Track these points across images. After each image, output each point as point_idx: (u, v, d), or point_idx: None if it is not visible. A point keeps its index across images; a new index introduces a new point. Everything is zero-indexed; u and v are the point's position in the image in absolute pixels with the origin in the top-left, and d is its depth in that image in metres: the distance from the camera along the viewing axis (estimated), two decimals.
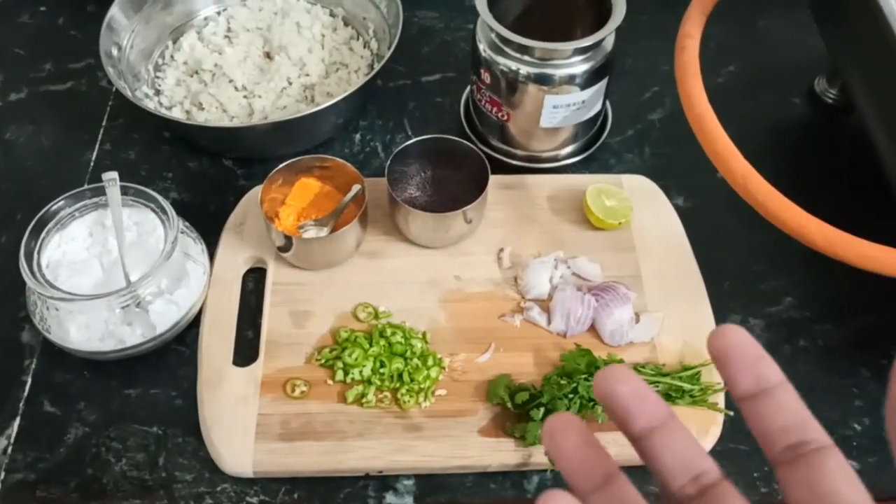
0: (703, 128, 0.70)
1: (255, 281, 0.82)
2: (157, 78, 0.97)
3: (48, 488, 0.69)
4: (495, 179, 0.83)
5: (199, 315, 0.77)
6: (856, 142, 0.93)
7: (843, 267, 0.63)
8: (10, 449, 0.71)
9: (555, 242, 0.83)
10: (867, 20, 0.75)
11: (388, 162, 0.81)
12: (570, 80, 0.81)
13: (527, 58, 0.80)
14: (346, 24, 1.03)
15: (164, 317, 0.73)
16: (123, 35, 0.94)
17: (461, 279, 0.81)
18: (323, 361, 0.74)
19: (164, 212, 0.75)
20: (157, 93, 0.96)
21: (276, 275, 0.80)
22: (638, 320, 0.77)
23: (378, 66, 0.88)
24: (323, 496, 0.69)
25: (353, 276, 0.81)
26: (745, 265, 0.84)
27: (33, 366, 0.76)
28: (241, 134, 0.89)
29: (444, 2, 1.10)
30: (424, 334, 0.76)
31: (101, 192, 0.77)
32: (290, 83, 0.95)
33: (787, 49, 1.05)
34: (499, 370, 0.74)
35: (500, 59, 0.82)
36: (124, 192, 0.77)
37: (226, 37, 1.00)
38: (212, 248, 0.81)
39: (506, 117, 0.86)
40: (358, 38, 1.01)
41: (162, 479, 0.70)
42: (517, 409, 0.71)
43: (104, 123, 0.96)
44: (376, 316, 0.77)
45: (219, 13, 1.02)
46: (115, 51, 0.92)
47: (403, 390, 0.72)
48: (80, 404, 0.74)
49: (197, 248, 0.79)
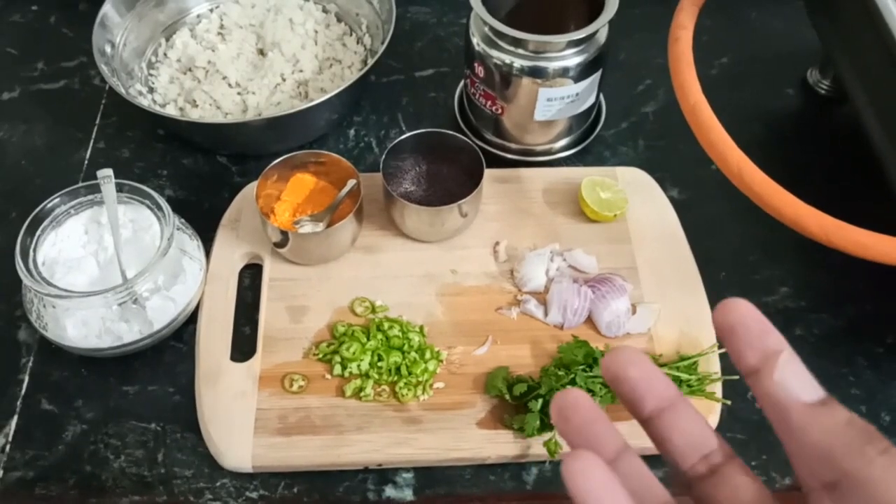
0: (697, 118, 0.70)
1: (251, 277, 0.82)
2: (151, 76, 0.97)
3: (47, 486, 0.69)
4: (490, 173, 0.83)
5: (196, 311, 0.77)
6: (848, 132, 0.94)
7: (837, 256, 0.64)
8: (8, 447, 0.71)
9: (550, 235, 0.83)
10: (859, 10, 0.75)
11: (383, 156, 0.81)
12: (563, 72, 0.81)
13: (520, 51, 0.81)
14: (339, 20, 1.02)
15: (162, 313, 0.73)
16: (116, 33, 0.94)
17: (457, 273, 0.81)
18: (321, 356, 0.74)
19: (160, 208, 0.75)
20: (151, 90, 0.96)
21: (272, 270, 0.80)
22: (634, 311, 0.77)
23: (371, 62, 0.88)
24: (322, 490, 0.69)
25: (350, 270, 0.81)
26: (740, 255, 0.84)
27: (30, 364, 0.76)
28: (235, 130, 0.89)
29: None
30: (422, 328, 0.76)
31: (97, 189, 0.77)
32: (284, 79, 0.95)
33: (780, 40, 1.05)
34: (496, 363, 0.74)
35: (494, 53, 0.82)
36: (119, 188, 0.77)
37: (219, 34, 1.00)
38: (208, 244, 0.81)
39: (500, 111, 0.87)
40: (351, 34, 1.01)
41: (161, 475, 0.70)
42: (515, 401, 0.71)
43: (97, 122, 0.96)
44: (373, 310, 0.78)
45: (211, 10, 1.02)
46: (108, 48, 0.92)
47: (401, 384, 0.72)
48: (77, 402, 0.74)
49: (193, 244, 0.79)
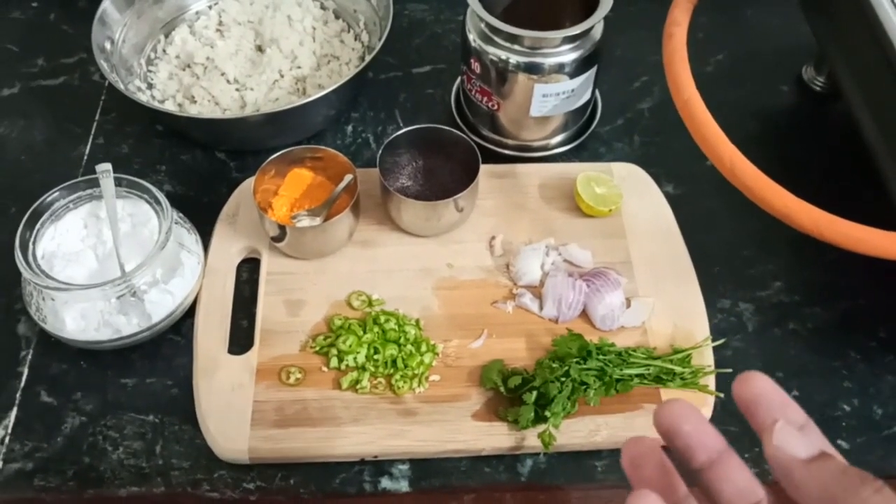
0: (690, 113, 0.71)
1: (249, 271, 0.82)
2: (150, 72, 0.98)
3: (46, 477, 0.70)
4: (486, 169, 0.84)
5: (194, 305, 0.78)
6: (843, 128, 0.94)
7: (830, 250, 0.64)
8: (7, 439, 0.72)
9: (546, 230, 0.84)
10: (852, 7, 0.75)
11: (380, 152, 0.82)
12: (559, 68, 0.82)
13: (516, 47, 0.81)
14: (336, 16, 1.03)
15: (160, 306, 0.74)
16: (116, 29, 0.94)
17: (453, 267, 0.81)
18: (317, 349, 0.75)
19: (158, 202, 0.76)
20: (150, 86, 0.97)
21: (269, 264, 0.81)
22: (629, 305, 0.78)
23: (369, 58, 0.89)
24: (319, 481, 0.70)
25: (347, 264, 0.81)
26: (734, 250, 0.85)
27: (29, 356, 0.77)
28: (233, 126, 0.89)
29: None
30: (418, 321, 0.77)
31: (95, 183, 0.77)
32: (282, 76, 0.95)
33: (775, 37, 1.06)
34: (491, 355, 0.75)
35: (490, 49, 0.82)
36: (118, 183, 0.77)
37: (217, 30, 1.01)
38: (206, 239, 0.82)
39: (496, 107, 0.87)
40: (349, 31, 1.02)
41: (159, 467, 0.70)
42: (510, 394, 0.71)
43: (97, 118, 0.96)
44: (370, 304, 0.78)
45: (210, 7, 1.03)
46: (107, 45, 0.92)
47: (397, 376, 0.73)
48: (76, 394, 0.74)
49: (191, 238, 0.79)
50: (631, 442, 0.34)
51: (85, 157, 0.92)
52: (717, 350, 0.76)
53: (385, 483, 0.70)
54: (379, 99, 0.99)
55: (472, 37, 0.84)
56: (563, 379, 0.69)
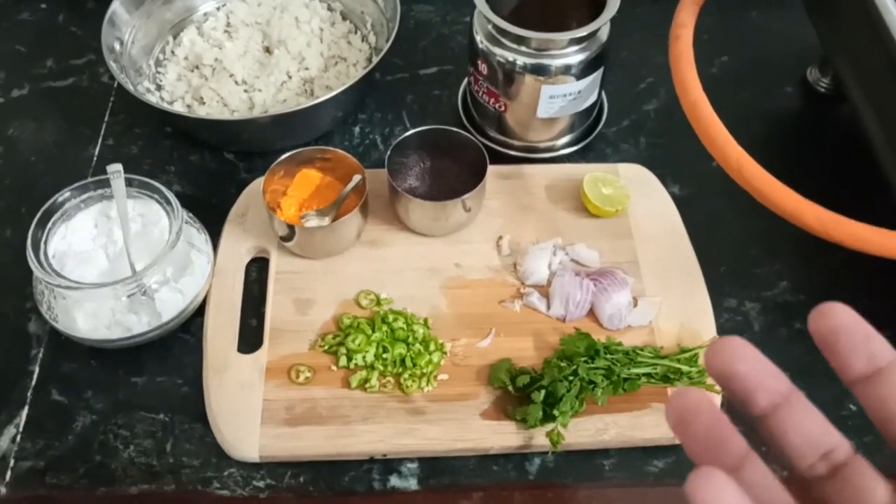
0: (697, 115, 0.71)
1: (258, 270, 0.83)
2: (159, 73, 0.99)
3: (57, 475, 0.70)
4: (493, 169, 0.84)
5: (203, 304, 0.78)
6: (848, 130, 0.95)
7: (836, 250, 0.65)
8: (19, 437, 0.72)
9: (553, 230, 0.85)
10: (857, 9, 0.76)
11: (388, 152, 0.82)
12: (566, 70, 0.82)
13: (523, 48, 0.82)
14: (344, 18, 1.04)
15: (170, 305, 0.74)
16: (125, 30, 0.95)
17: (461, 266, 0.82)
18: (326, 348, 0.75)
19: (168, 202, 0.76)
20: (159, 88, 0.97)
21: (278, 264, 0.81)
22: (636, 304, 0.78)
23: (376, 60, 0.89)
24: (328, 480, 0.70)
25: (355, 264, 0.82)
26: (740, 250, 0.85)
27: (40, 355, 0.77)
28: (241, 127, 0.90)
29: None
30: (426, 320, 0.77)
31: (106, 183, 0.78)
32: (290, 77, 0.96)
33: (780, 39, 1.06)
34: (499, 354, 0.75)
35: (497, 50, 0.83)
36: (128, 183, 0.78)
37: (225, 31, 1.01)
38: (215, 238, 0.83)
39: (503, 108, 0.88)
40: (356, 32, 1.02)
41: (170, 465, 0.71)
42: (518, 393, 0.72)
43: (106, 119, 0.97)
44: (378, 303, 0.79)
45: (218, 8, 1.04)
46: (116, 46, 0.93)
47: (406, 375, 0.73)
48: (87, 392, 0.75)
49: (201, 237, 0.80)
50: (677, 394, 0.28)
51: (95, 158, 0.93)
52: None
53: (394, 481, 0.70)
54: (386, 100, 0.99)
55: (479, 38, 0.84)
56: (571, 378, 0.70)
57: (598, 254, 0.82)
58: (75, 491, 0.69)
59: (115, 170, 0.78)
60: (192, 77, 0.97)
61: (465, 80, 0.96)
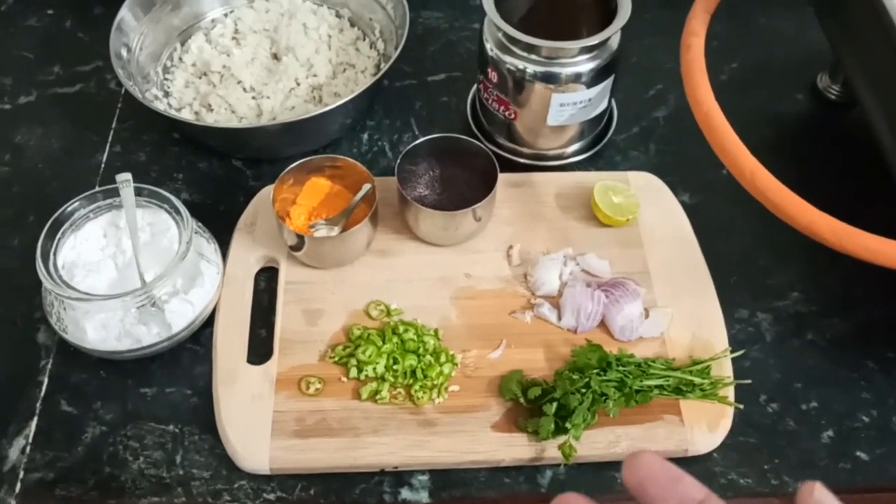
0: (710, 125, 0.71)
1: (266, 280, 0.82)
2: (166, 80, 0.98)
3: (67, 487, 0.70)
4: (503, 178, 0.84)
5: (212, 314, 0.78)
6: (858, 137, 0.94)
7: (847, 260, 0.64)
8: (28, 448, 0.72)
9: (563, 239, 0.84)
10: (869, 15, 0.75)
11: (398, 161, 0.82)
12: (576, 78, 0.82)
13: (534, 56, 0.81)
14: (352, 24, 1.03)
15: (180, 316, 0.74)
16: (133, 37, 0.95)
17: (471, 276, 0.81)
18: (336, 359, 0.75)
19: (178, 212, 0.76)
20: (167, 94, 0.97)
21: (288, 274, 0.81)
22: (647, 316, 0.78)
23: (385, 67, 0.89)
24: (339, 492, 0.70)
25: (365, 274, 0.81)
26: (751, 260, 0.85)
27: (49, 366, 0.77)
28: (250, 135, 0.90)
29: (448, 2, 1.11)
30: (436, 331, 0.77)
31: (115, 193, 0.77)
32: (298, 84, 0.96)
33: (789, 45, 1.06)
34: (510, 366, 0.75)
35: (508, 58, 0.82)
36: (138, 192, 0.77)
37: (233, 38, 1.01)
38: (223, 247, 0.82)
39: (513, 116, 0.87)
40: (364, 39, 1.02)
41: (180, 477, 0.70)
42: (530, 405, 0.72)
43: (114, 125, 0.97)
44: (388, 313, 0.78)
45: (226, 15, 1.03)
46: (124, 52, 0.93)
47: (417, 386, 0.73)
48: (96, 403, 0.75)
49: (210, 247, 0.80)
50: (629, 461, 0.31)
51: (102, 166, 0.93)
52: (735, 360, 0.76)
53: (405, 494, 0.70)
54: (395, 107, 0.99)
55: (489, 46, 0.84)
56: (583, 390, 0.69)
57: (608, 263, 0.82)
58: (85, 503, 0.69)
59: (124, 179, 0.77)
60: (200, 84, 0.97)
61: (474, 87, 0.96)
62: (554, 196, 0.88)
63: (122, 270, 0.76)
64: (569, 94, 0.83)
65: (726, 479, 0.70)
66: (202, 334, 0.78)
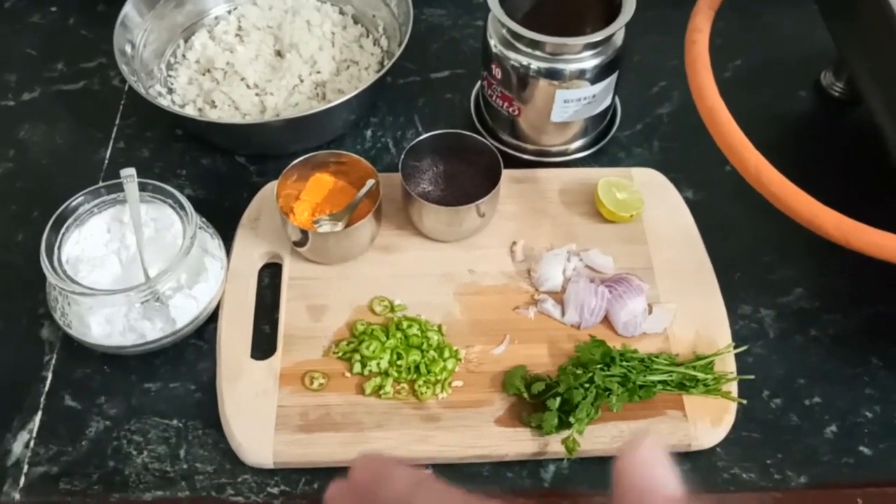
0: (715, 121, 0.71)
1: (270, 276, 0.83)
2: (170, 76, 0.98)
3: (71, 481, 0.70)
4: (506, 174, 0.84)
5: (216, 310, 0.78)
6: (862, 134, 0.94)
7: (851, 257, 0.64)
8: (32, 443, 0.72)
9: (567, 235, 0.84)
10: (873, 12, 0.75)
11: (402, 156, 0.82)
12: (580, 74, 0.82)
13: (538, 53, 0.81)
14: (355, 21, 1.03)
15: (184, 311, 0.74)
16: (137, 33, 0.95)
17: (475, 272, 0.81)
18: (340, 354, 0.75)
19: (182, 207, 0.76)
20: (170, 91, 0.97)
21: (291, 269, 0.81)
22: (651, 311, 0.78)
23: (389, 64, 0.89)
24: None
25: (368, 270, 0.81)
26: (754, 256, 0.85)
27: (53, 361, 0.77)
28: (253, 131, 0.90)
29: None
30: (440, 327, 0.77)
31: (119, 188, 0.78)
32: (302, 80, 0.96)
33: (793, 43, 1.06)
34: (514, 361, 0.75)
35: (512, 55, 0.82)
36: (142, 188, 0.78)
37: (237, 35, 1.01)
38: (227, 243, 0.82)
39: (517, 112, 0.87)
40: (368, 36, 1.02)
41: (183, 471, 0.70)
42: (533, 400, 0.72)
43: (117, 122, 0.97)
44: (392, 309, 0.78)
45: (230, 12, 1.03)
46: (128, 49, 0.93)
47: (420, 382, 0.73)
48: (100, 398, 0.75)
49: (214, 243, 0.80)
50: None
51: (106, 162, 0.93)
52: (738, 356, 0.76)
53: None
54: (398, 104, 0.99)
55: (493, 42, 0.84)
56: (587, 385, 0.69)
57: (612, 259, 0.82)
58: (89, 497, 0.69)
59: (128, 174, 0.77)
60: (204, 80, 0.97)
61: (478, 84, 0.96)
62: (558, 192, 0.88)
63: (126, 266, 0.76)
64: (573, 91, 0.83)
65: (729, 474, 0.70)
66: (206, 330, 0.78)
